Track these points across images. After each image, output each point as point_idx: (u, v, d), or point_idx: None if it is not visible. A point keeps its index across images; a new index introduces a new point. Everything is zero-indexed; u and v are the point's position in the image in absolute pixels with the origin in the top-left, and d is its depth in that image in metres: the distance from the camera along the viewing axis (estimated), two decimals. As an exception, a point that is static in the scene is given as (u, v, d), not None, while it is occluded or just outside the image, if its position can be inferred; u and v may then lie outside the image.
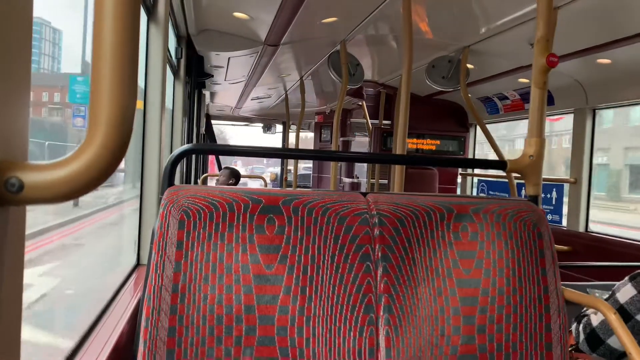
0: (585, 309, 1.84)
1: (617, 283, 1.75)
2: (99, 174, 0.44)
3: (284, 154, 3.26)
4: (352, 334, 1.15)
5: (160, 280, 1.09)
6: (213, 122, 10.11)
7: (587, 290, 2.17)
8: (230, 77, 5.43)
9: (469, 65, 3.96)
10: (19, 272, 0.46)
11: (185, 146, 1.32)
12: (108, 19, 0.42)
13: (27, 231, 0.50)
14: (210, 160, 9.88)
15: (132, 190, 2.54)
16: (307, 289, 1.16)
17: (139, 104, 2.14)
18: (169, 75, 3.36)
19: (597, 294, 2.14)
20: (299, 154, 2.64)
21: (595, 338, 1.67)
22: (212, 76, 5.12)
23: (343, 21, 3.32)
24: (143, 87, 2.08)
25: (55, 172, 0.43)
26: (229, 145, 3.09)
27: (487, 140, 4.01)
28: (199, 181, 6.27)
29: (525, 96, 4.62)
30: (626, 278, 1.71)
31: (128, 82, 0.44)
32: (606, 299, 1.73)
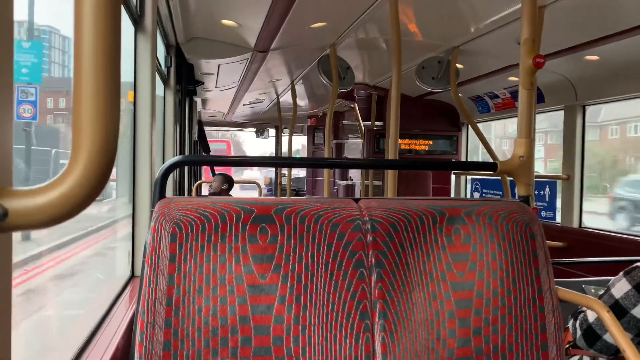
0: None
1: (612, 278, 1.76)
2: (84, 198, 0.44)
3: (276, 162, 3.24)
4: (348, 341, 1.15)
5: (153, 294, 1.09)
6: (206, 128, 10.10)
7: (583, 286, 2.18)
8: (221, 84, 5.43)
9: (458, 65, 3.98)
10: (6, 299, 0.46)
11: (175, 158, 1.32)
12: (88, 43, 0.42)
13: None
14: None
15: (124, 207, 2.18)
16: (302, 297, 1.15)
17: (130, 96, 2.09)
18: (159, 84, 3.36)
19: (592, 290, 2.15)
20: (292, 162, 2.63)
21: (592, 334, 1.68)
22: (203, 83, 5.11)
23: (332, 26, 3.32)
24: (133, 95, 2.07)
25: (39, 198, 0.43)
26: (219, 156, 3.09)
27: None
28: (193, 188, 6.25)
29: (515, 94, 4.65)
30: (621, 273, 1.72)
31: (111, 104, 0.44)
32: (602, 295, 1.74)
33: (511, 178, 1.59)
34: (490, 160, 3.87)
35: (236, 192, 6.69)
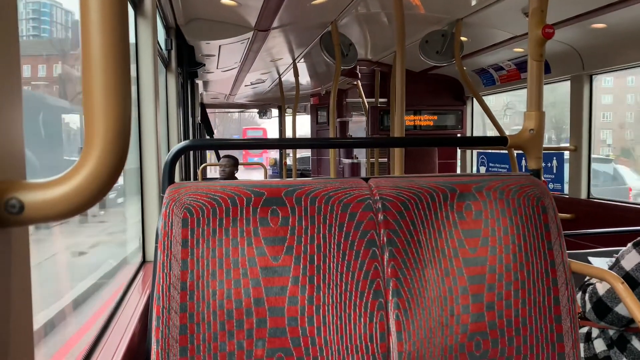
0: (588, 277, 1.84)
1: (621, 250, 1.75)
2: (99, 189, 0.43)
3: (281, 144, 3.23)
4: (362, 320, 1.16)
5: (168, 279, 1.10)
6: (208, 110, 10.06)
7: (589, 258, 2.18)
8: (222, 65, 5.39)
9: (462, 38, 3.92)
10: (26, 294, 0.46)
11: (183, 143, 1.31)
12: (95, 34, 0.41)
13: None
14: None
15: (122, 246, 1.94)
16: (315, 278, 1.16)
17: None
18: (161, 68, 3.33)
19: (599, 262, 2.15)
20: (297, 144, 2.61)
21: (603, 306, 1.68)
22: (204, 65, 5.07)
23: (333, 1, 3.27)
24: (135, 82, 2.06)
25: (54, 190, 0.42)
26: (226, 140, 3.09)
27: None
28: (199, 171, 6.26)
29: (520, 65, 4.58)
30: (629, 245, 1.71)
31: (122, 92, 0.43)
32: (611, 267, 1.74)
33: (518, 151, 1.57)
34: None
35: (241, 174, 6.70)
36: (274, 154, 15.43)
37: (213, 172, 7.78)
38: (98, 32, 0.42)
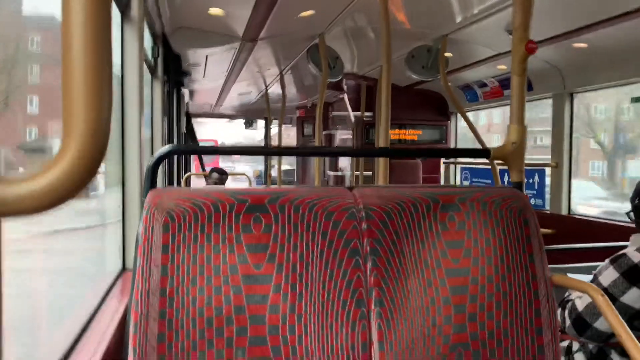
0: (568, 293, 1.86)
1: (599, 265, 1.77)
2: (75, 185, 0.42)
3: (266, 151, 3.23)
4: (344, 329, 1.15)
5: (147, 285, 1.07)
6: (194, 120, 10.00)
7: (568, 274, 2.20)
8: (209, 75, 5.38)
9: (447, 54, 3.97)
10: None
11: (166, 147, 1.30)
12: (77, 21, 0.40)
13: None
14: (194, 157, 9.78)
15: None
16: (297, 286, 1.15)
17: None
18: (147, 75, 3.30)
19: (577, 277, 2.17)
20: (282, 151, 2.60)
21: (582, 322, 1.69)
22: (191, 74, 5.06)
23: (320, 14, 3.29)
24: (120, 88, 2.04)
25: (28, 185, 0.41)
26: (210, 146, 3.07)
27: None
28: (182, 180, 6.21)
29: (504, 82, 4.66)
30: (607, 261, 1.73)
31: (102, 87, 0.43)
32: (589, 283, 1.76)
33: (501, 167, 1.59)
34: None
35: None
36: (223, 162, 15.23)
37: (198, 183, 7.71)
38: (80, 25, 0.41)
